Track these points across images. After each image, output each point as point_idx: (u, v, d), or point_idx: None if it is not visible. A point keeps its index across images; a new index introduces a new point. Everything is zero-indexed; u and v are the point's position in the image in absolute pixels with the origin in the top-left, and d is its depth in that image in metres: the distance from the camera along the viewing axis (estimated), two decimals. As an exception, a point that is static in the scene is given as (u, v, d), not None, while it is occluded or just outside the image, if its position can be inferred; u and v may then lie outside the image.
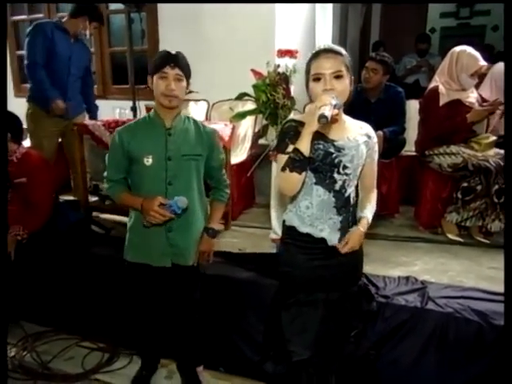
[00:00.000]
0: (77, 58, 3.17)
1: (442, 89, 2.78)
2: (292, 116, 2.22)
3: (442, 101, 2.76)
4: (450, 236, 2.78)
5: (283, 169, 1.37)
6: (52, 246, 2.63)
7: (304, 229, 1.51)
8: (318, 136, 1.43)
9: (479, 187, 2.63)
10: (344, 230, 1.50)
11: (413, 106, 3.23)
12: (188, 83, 1.73)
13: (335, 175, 1.46)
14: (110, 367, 2.21)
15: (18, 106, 3.26)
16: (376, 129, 1.61)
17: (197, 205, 1.80)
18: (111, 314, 2.40)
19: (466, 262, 2.44)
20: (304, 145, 1.34)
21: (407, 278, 2.17)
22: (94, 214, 3.14)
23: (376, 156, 1.56)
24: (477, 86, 2.97)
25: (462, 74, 2.71)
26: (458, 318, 1.84)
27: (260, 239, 2.72)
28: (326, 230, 1.49)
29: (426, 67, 4.82)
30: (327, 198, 1.47)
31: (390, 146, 2.91)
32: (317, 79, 1.39)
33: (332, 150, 1.44)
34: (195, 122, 1.83)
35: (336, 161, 1.44)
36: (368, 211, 1.57)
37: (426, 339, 1.88)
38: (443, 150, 2.79)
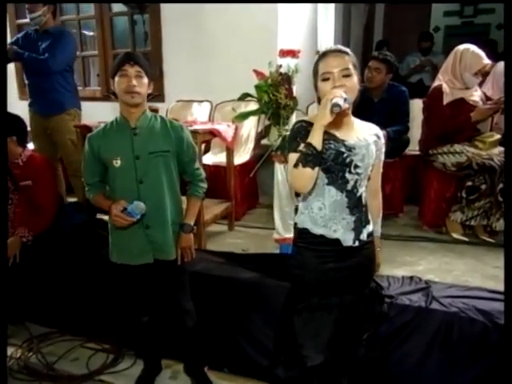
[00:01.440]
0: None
1: (445, 87, 2.76)
2: (295, 117, 2.23)
3: (446, 100, 2.75)
4: (455, 235, 2.76)
5: (295, 165, 1.35)
6: (57, 248, 2.64)
7: (317, 230, 1.49)
8: (329, 136, 1.43)
9: (484, 186, 2.62)
10: (358, 229, 1.49)
11: (417, 105, 3.22)
12: (149, 83, 1.75)
13: (347, 175, 1.45)
14: (114, 368, 2.22)
15: (22, 108, 3.29)
16: (379, 128, 1.61)
17: (168, 201, 1.82)
18: (115, 315, 2.41)
19: (470, 262, 2.43)
20: (316, 139, 1.33)
21: (411, 278, 2.16)
22: (99, 215, 3.15)
23: (383, 157, 1.57)
24: (480, 84, 2.95)
25: (466, 73, 2.70)
26: (462, 318, 1.83)
27: (263, 240, 2.72)
28: (340, 230, 1.47)
29: (429, 66, 4.80)
30: (340, 199, 1.46)
31: (394, 146, 2.89)
32: (326, 79, 1.39)
33: (343, 149, 1.43)
34: (162, 119, 1.85)
35: (347, 160, 1.44)
36: (378, 227, 1.63)
37: (431, 339, 1.87)
38: (447, 149, 2.78)
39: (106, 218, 3.09)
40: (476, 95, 2.80)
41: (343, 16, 4.96)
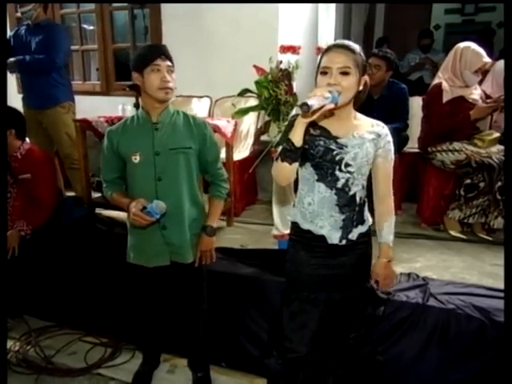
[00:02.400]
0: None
1: (445, 85, 2.77)
2: (295, 112, 2.23)
3: (446, 97, 2.75)
4: (453, 233, 2.77)
5: (276, 158, 1.37)
6: (56, 242, 2.64)
7: (305, 225, 1.51)
8: (321, 131, 1.43)
9: (482, 184, 2.62)
10: (346, 228, 1.48)
11: (416, 103, 3.23)
12: None
13: (337, 172, 1.44)
14: (112, 362, 2.23)
15: (21, 102, 3.29)
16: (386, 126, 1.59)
17: (186, 200, 1.76)
18: (114, 309, 2.41)
19: (468, 259, 2.44)
20: (296, 135, 1.31)
21: (409, 275, 2.17)
22: (98, 210, 3.15)
23: (390, 157, 1.48)
24: (480, 83, 2.96)
25: (466, 71, 2.70)
26: (459, 315, 1.83)
27: (262, 235, 2.72)
28: (326, 227, 1.48)
29: (428, 64, 4.80)
30: (329, 196, 1.46)
31: (393, 143, 2.89)
32: (324, 73, 1.38)
33: (333, 146, 1.42)
34: (185, 114, 1.79)
35: (337, 158, 1.42)
36: (386, 233, 1.52)
37: (428, 335, 1.88)
38: (446, 147, 2.78)
39: (105, 212, 3.13)
40: (476, 93, 2.80)
41: (344, 12, 4.96)
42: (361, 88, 1.40)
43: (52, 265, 2.60)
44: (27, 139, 2.69)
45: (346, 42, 1.41)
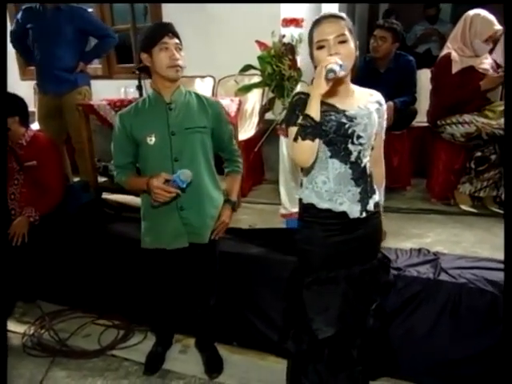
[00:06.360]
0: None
1: (454, 56, 2.68)
2: (299, 88, 2.17)
3: (455, 68, 2.67)
4: (464, 207, 2.73)
5: (295, 139, 1.31)
6: (65, 227, 2.65)
7: (323, 204, 1.47)
8: (329, 107, 1.40)
9: (493, 156, 2.57)
10: (364, 200, 1.47)
11: (424, 76, 3.14)
12: None
13: (350, 146, 1.42)
14: (125, 343, 2.26)
15: (24, 88, 3.26)
16: (386, 99, 1.57)
17: (206, 179, 1.76)
18: (125, 292, 2.43)
19: (480, 233, 2.40)
20: (314, 109, 1.29)
21: (419, 250, 2.15)
22: (104, 195, 3.15)
23: (385, 124, 1.54)
24: (490, 52, 2.86)
25: (476, 40, 2.61)
26: (471, 289, 1.82)
27: (270, 215, 2.71)
28: (346, 203, 1.46)
29: (435, 36, 4.66)
30: (344, 171, 1.44)
31: (401, 117, 2.84)
32: (321, 47, 1.35)
33: (344, 120, 1.40)
34: (197, 95, 1.78)
35: (350, 131, 1.40)
36: (381, 196, 1.60)
37: (440, 310, 1.87)
38: (456, 120, 2.71)
39: (112, 197, 3.13)
40: (486, 63, 2.71)
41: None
42: (357, 54, 1.39)
43: (62, 250, 2.62)
44: (33, 126, 2.68)
45: (333, 12, 1.42)
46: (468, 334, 1.84)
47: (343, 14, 1.39)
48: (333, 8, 3.14)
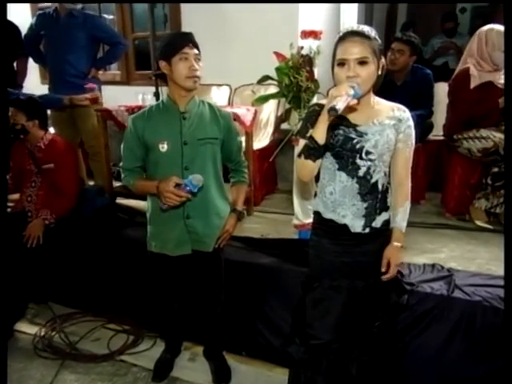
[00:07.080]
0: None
1: (473, 70, 2.66)
2: (316, 100, 2.18)
3: (473, 83, 2.64)
4: (479, 223, 2.69)
5: (299, 155, 1.37)
6: (79, 231, 2.68)
7: (328, 215, 1.51)
8: (340, 120, 1.40)
9: (511, 173, 2.53)
10: (369, 216, 1.47)
11: (441, 89, 3.12)
12: None
13: (358, 161, 1.43)
14: (134, 349, 2.26)
15: (44, 92, 3.32)
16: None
17: (214, 189, 1.78)
18: (136, 297, 2.44)
19: (495, 250, 2.36)
20: (319, 133, 1.31)
21: (433, 266, 2.12)
22: (118, 200, 3.18)
23: (410, 142, 1.47)
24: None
25: (495, 52, 2.58)
26: (486, 307, 1.78)
27: (282, 225, 2.70)
28: (349, 216, 1.47)
29: (453, 49, 4.64)
30: (350, 185, 1.45)
31: (417, 131, 2.79)
32: (341, 64, 1.35)
33: (353, 135, 1.41)
34: (210, 105, 1.80)
35: (357, 146, 1.41)
36: (399, 218, 1.50)
37: (452, 328, 1.83)
38: (473, 134, 2.68)
39: (126, 202, 3.15)
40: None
41: (366, -4, 4.81)
42: (379, 73, 1.38)
43: (76, 253, 2.64)
44: (51, 129, 2.72)
45: (360, 28, 1.37)
46: (481, 354, 1.81)
47: (371, 32, 1.35)
48: (352, 13, 3.14)
